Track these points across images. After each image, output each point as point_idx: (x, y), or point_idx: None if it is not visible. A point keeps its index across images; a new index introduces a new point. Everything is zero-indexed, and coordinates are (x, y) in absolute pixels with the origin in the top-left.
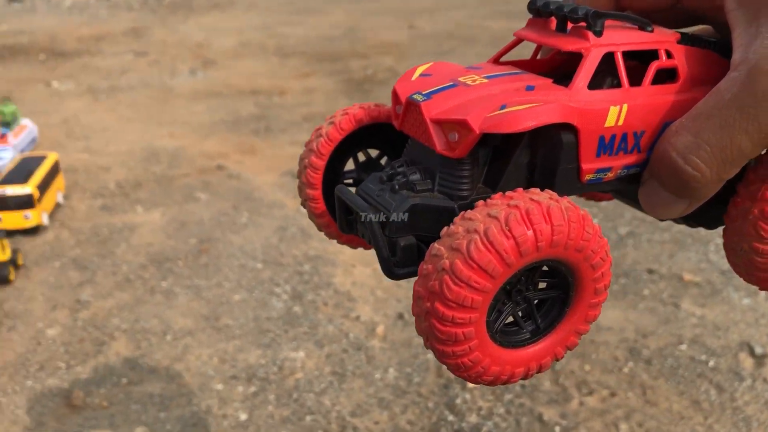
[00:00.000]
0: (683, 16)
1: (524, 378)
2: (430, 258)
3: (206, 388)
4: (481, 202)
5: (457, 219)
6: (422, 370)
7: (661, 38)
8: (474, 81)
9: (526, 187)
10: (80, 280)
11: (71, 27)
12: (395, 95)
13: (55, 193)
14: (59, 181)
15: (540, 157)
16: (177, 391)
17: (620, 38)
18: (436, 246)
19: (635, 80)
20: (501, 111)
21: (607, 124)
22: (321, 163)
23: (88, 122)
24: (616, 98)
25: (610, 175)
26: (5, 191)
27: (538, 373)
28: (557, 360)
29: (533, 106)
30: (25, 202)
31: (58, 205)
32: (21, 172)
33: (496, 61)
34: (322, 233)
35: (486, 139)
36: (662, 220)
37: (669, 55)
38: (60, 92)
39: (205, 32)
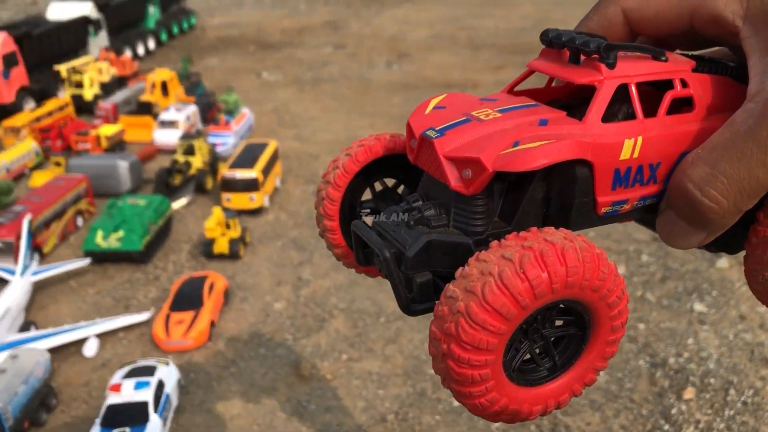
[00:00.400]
0: (699, 39)
1: (542, 415)
2: (446, 300)
3: (419, 371)
4: (495, 243)
5: (471, 260)
6: (634, 376)
7: (676, 67)
8: (487, 115)
9: (542, 221)
10: (300, 259)
11: (275, 19)
12: (409, 129)
13: (274, 178)
14: (277, 167)
15: (555, 192)
16: (392, 371)
17: (634, 69)
18: (451, 288)
19: (651, 109)
20: (514, 148)
21: (622, 157)
22: (338, 195)
23: (296, 111)
24: (631, 131)
25: (626, 207)
26: (234, 174)
27: (556, 409)
28: (575, 396)
29: (546, 143)
30: (251, 185)
31: (276, 189)
32: (247, 157)
33: (510, 90)
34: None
35: (500, 174)
36: (681, 249)
37: (684, 84)
38: (269, 82)
39: (398, 25)
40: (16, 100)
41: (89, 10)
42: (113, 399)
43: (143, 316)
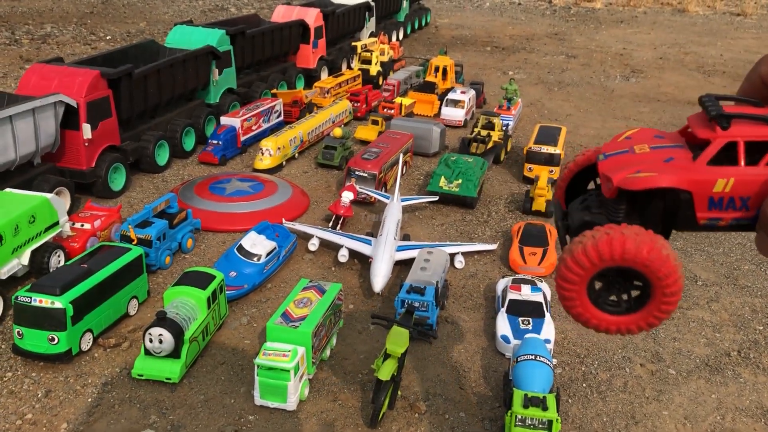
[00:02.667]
0: None
1: (616, 333)
2: (564, 250)
3: (747, 326)
4: (597, 227)
5: (579, 234)
6: None
7: None
8: (641, 150)
9: (661, 219)
10: None
11: (499, 25)
12: (602, 149)
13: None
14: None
15: (668, 204)
16: (721, 321)
17: (743, 132)
18: (567, 245)
19: (757, 157)
20: (634, 174)
21: (714, 190)
22: (563, 185)
23: (552, 107)
24: (727, 173)
25: (722, 222)
26: (540, 149)
27: (626, 334)
28: (639, 331)
29: (651, 175)
30: (552, 160)
31: None
32: (546, 136)
33: (683, 131)
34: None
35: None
36: None
37: None
38: (517, 80)
39: (621, 43)
40: (317, 66)
41: None
42: (514, 296)
43: (492, 246)
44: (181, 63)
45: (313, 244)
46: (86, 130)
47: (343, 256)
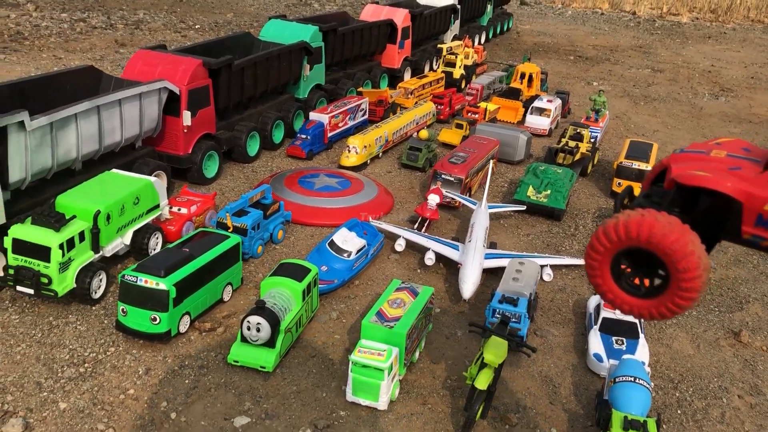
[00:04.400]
0: None
1: (628, 313)
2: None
3: None
4: (639, 209)
5: (619, 212)
6: None
7: None
8: (717, 155)
9: (707, 223)
10: None
11: (581, 35)
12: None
13: None
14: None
15: (717, 209)
16: None
17: None
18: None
19: None
20: (692, 171)
21: (765, 208)
22: (649, 180)
23: (638, 122)
24: None
25: (765, 243)
26: (631, 164)
27: (637, 317)
28: (652, 318)
29: (707, 175)
30: (640, 177)
31: None
32: (637, 152)
33: None
34: None
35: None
36: None
37: None
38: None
39: (708, 60)
40: (401, 66)
41: (453, 0)
42: (607, 314)
43: (581, 261)
44: (277, 57)
45: (400, 245)
46: (186, 117)
47: (429, 259)
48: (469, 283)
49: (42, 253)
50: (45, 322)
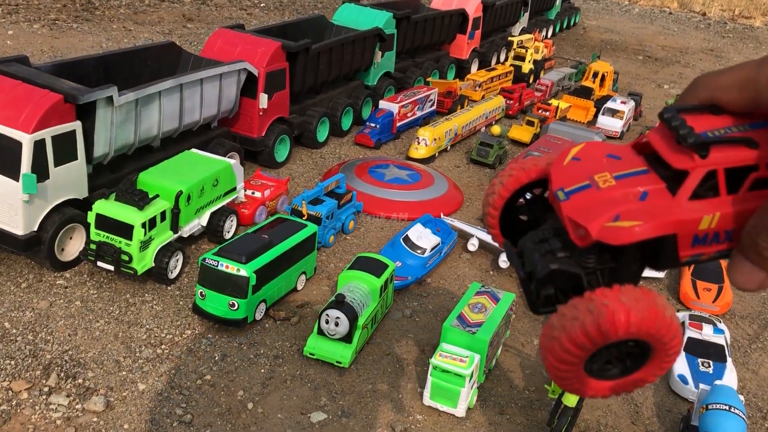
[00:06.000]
0: None
1: (614, 395)
2: (549, 327)
3: None
4: (587, 293)
5: (569, 303)
6: None
7: (764, 153)
8: (605, 182)
9: (640, 259)
10: None
11: (650, 34)
12: (549, 176)
13: None
14: None
15: (649, 246)
16: None
17: (724, 158)
18: (552, 319)
19: (736, 183)
20: (614, 223)
21: (700, 228)
22: (496, 213)
23: None
24: (711, 208)
25: (704, 257)
26: None
27: (623, 393)
28: (637, 388)
29: (637, 224)
30: None
31: None
32: None
33: (636, 144)
34: None
35: None
36: (746, 291)
37: None
38: (671, 94)
39: None
40: (469, 58)
41: None
42: (693, 334)
43: (660, 274)
44: (352, 43)
45: (473, 245)
46: (263, 100)
47: (504, 261)
48: None
49: (124, 230)
50: (122, 299)
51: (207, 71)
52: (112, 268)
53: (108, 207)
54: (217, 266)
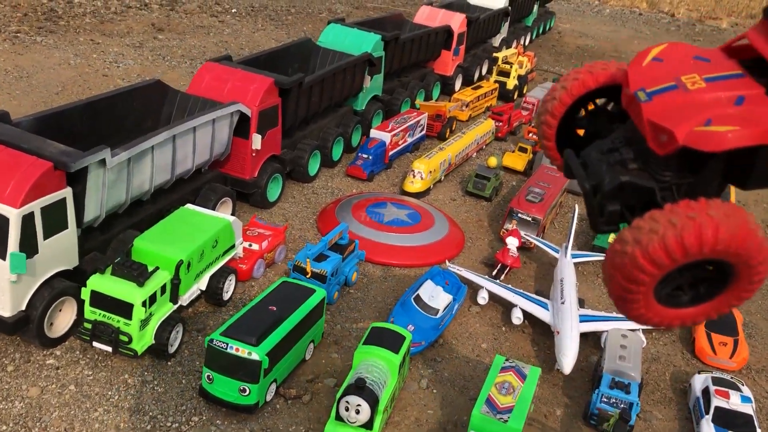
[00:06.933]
0: None
1: (680, 326)
2: (620, 240)
3: None
4: (668, 206)
5: (647, 216)
6: None
7: None
8: (693, 84)
9: (722, 176)
10: None
11: (624, 39)
12: (626, 78)
13: None
14: None
15: (738, 158)
16: None
17: None
18: (625, 233)
19: None
20: (705, 127)
21: None
22: (554, 122)
23: None
24: None
25: None
26: None
27: (692, 324)
28: (709, 319)
29: (732, 130)
30: None
31: None
32: None
33: (727, 47)
34: None
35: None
36: None
37: None
38: None
39: None
40: (453, 74)
41: (505, 2)
42: (720, 403)
43: None
44: (343, 71)
45: (483, 298)
46: (256, 141)
47: (518, 318)
48: (569, 358)
49: (123, 309)
50: (120, 380)
51: (200, 118)
52: (110, 349)
53: (104, 283)
54: (226, 348)
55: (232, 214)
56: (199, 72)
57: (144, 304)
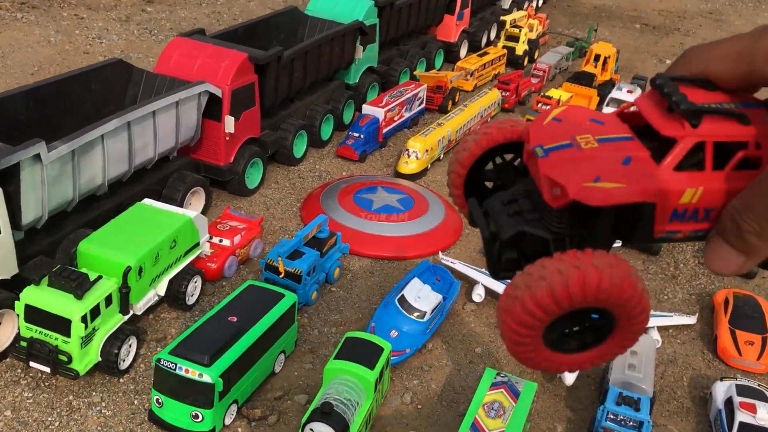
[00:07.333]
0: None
1: (568, 371)
2: (512, 286)
3: None
4: (557, 254)
5: (537, 263)
6: None
7: (755, 131)
8: (587, 143)
9: (611, 232)
10: None
11: None
12: (527, 135)
13: None
14: None
15: (624, 214)
16: None
17: (714, 131)
18: (517, 278)
19: (723, 160)
20: (594, 183)
21: (681, 201)
22: (463, 172)
23: None
24: (695, 181)
25: (679, 235)
26: None
27: (578, 371)
28: (594, 366)
29: (618, 187)
30: None
31: None
32: None
33: (620, 112)
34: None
35: None
36: (722, 275)
37: (758, 146)
38: None
39: None
40: (458, 40)
41: None
42: (745, 418)
43: (691, 320)
44: (330, 42)
45: (479, 295)
46: (229, 124)
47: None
48: None
49: (61, 325)
50: (63, 402)
51: (159, 101)
52: (48, 369)
53: (39, 296)
54: (174, 369)
55: (206, 205)
56: (167, 48)
57: (84, 319)
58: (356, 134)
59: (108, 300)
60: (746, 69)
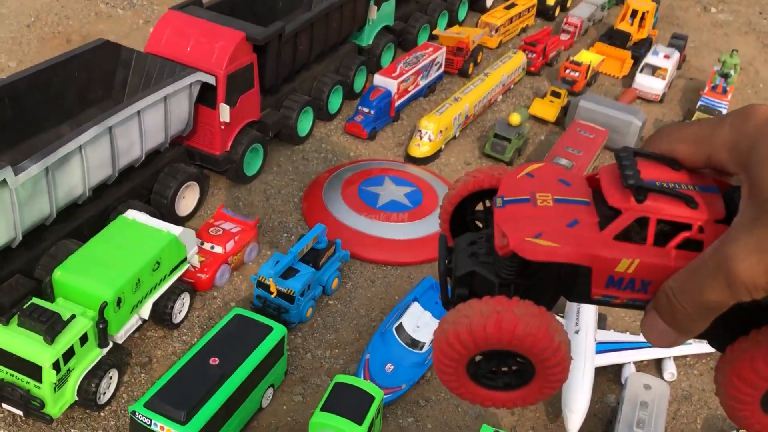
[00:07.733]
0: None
1: (491, 407)
2: (443, 319)
3: None
4: (486, 298)
5: (466, 303)
6: None
7: (700, 216)
8: (543, 201)
9: (554, 285)
10: None
11: None
12: (500, 184)
13: None
14: None
15: (564, 272)
16: None
17: (658, 209)
18: (450, 313)
19: (666, 238)
20: (533, 239)
21: (617, 269)
22: (450, 209)
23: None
24: (633, 253)
25: (617, 301)
26: None
27: (500, 408)
28: (517, 407)
29: (554, 246)
30: None
31: None
32: None
33: (591, 177)
34: None
35: None
36: (658, 348)
37: (701, 230)
38: (720, 23)
39: None
40: None
41: None
42: None
43: (709, 348)
44: (339, 8)
45: None
46: (224, 112)
47: None
48: (577, 413)
49: (31, 370)
50: None
51: (143, 100)
52: (20, 412)
53: (8, 338)
54: (150, 425)
55: (201, 199)
56: (158, 25)
57: (56, 365)
58: (366, 109)
59: (83, 338)
60: (705, 153)
